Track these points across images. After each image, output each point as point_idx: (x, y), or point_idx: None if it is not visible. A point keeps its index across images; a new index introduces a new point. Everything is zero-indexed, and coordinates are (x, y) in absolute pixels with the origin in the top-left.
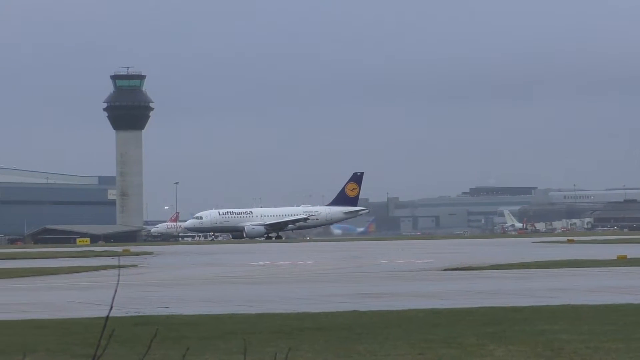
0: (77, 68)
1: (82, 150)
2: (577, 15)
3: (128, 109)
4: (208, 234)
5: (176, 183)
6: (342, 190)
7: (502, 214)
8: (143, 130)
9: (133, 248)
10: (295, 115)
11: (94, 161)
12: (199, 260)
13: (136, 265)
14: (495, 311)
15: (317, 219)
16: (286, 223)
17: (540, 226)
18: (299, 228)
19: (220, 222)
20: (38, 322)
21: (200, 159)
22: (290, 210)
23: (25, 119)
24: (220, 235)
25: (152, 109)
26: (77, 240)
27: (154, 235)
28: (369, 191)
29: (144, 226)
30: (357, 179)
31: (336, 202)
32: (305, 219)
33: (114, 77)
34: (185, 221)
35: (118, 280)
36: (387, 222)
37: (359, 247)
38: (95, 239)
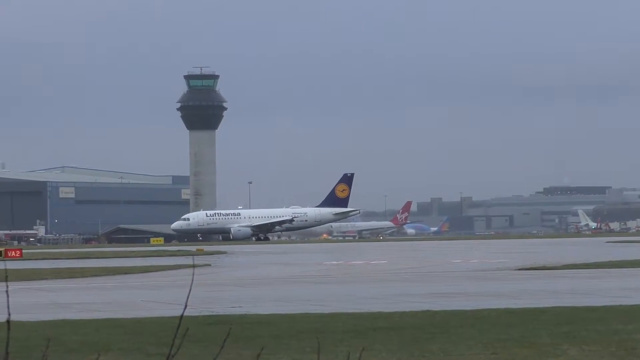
0: (151, 68)
1: (156, 149)
2: None
3: (201, 108)
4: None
5: (249, 182)
6: (332, 192)
7: (575, 214)
8: (216, 130)
9: (207, 247)
10: (362, 114)
11: (168, 161)
12: (272, 259)
13: (210, 265)
14: (569, 311)
15: (305, 220)
16: (273, 224)
17: (615, 226)
18: (288, 230)
19: (208, 224)
20: (112, 322)
21: (273, 158)
22: (278, 212)
23: (99, 119)
24: (200, 237)
25: (225, 108)
26: (151, 239)
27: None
28: (443, 191)
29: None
30: (347, 180)
31: (326, 203)
32: (291, 221)
33: (188, 77)
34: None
35: (192, 280)
36: (460, 222)
37: (433, 247)
38: (169, 238)
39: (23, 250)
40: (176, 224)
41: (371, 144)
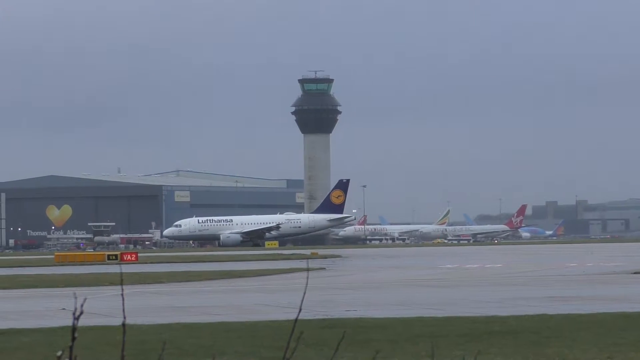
0: (266, 72)
1: (271, 153)
2: None
3: (316, 112)
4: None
5: (363, 186)
6: (328, 198)
7: None
8: (330, 134)
9: (321, 251)
10: (480, 118)
11: (283, 164)
12: (386, 263)
13: (324, 268)
14: None
15: (299, 227)
16: (262, 231)
17: None
18: (281, 236)
19: (199, 230)
20: (227, 325)
21: (387, 162)
22: (272, 218)
23: (215, 123)
24: (194, 243)
25: (339, 112)
26: (266, 243)
27: (340, 238)
28: (558, 194)
29: (332, 229)
30: (342, 186)
31: (321, 209)
32: (278, 227)
33: (302, 81)
34: (374, 224)
35: (307, 283)
36: (575, 225)
37: (548, 251)
38: (283, 241)
39: (139, 254)
40: (168, 231)
41: (484, 147)
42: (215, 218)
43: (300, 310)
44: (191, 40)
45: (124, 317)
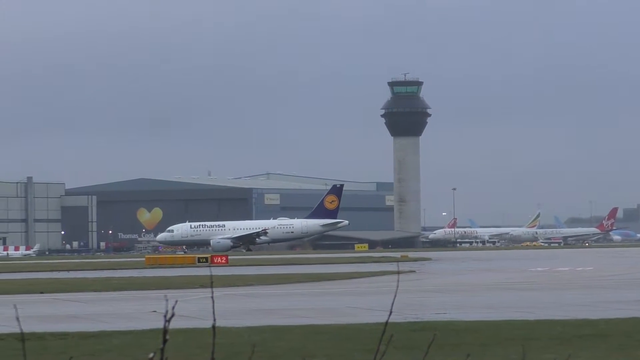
0: (356, 75)
1: (361, 156)
2: None
3: (405, 115)
4: (183, 247)
5: (453, 189)
6: (321, 203)
7: None
8: (420, 136)
9: (411, 254)
10: (571, 118)
11: (372, 167)
12: (476, 266)
13: (414, 271)
14: None
15: (292, 232)
16: (251, 236)
17: None
18: (273, 241)
19: (191, 236)
20: (317, 328)
21: (477, 164)
22: (264, 223)
23: (303, 126)
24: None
25: (429, 114)
26: (356, 245)
27: (430, 241)
28: None
29: (422, 232)
30: (336, 191)
31: (315, 214)
32: (265, 232)
33: (392, 84)
34: (464, 227)
35: (397, 286)
36: None
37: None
38: (373, 244)
39: (229, 257)
40: (161, 236)
41: (575, 149)
42: (208, 223)
43: (390, 313)
44: (279, 42)
45: (214, 320)
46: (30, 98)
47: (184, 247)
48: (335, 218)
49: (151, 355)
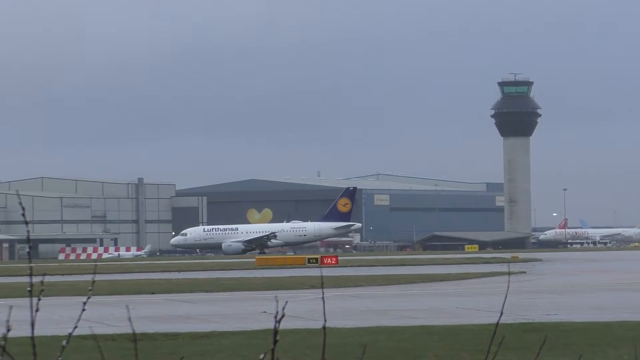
0: (465, 75)
1: (470, 156)
2: None
3: (516, 115)
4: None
5: (564, 189)
6: (334, 206)
7: None
8: (530, 137)
9: (521, 254)
10: None
11: (482, 167)
12: (587, 267)
13: (525, 272)
14: None
15: (304, 235)
16: (263, 239)
17: None
18: (287, 244)
19: (204, 239)
20: (427, 328)
21: (588, 164)
22: (277, 227)
23: (412, 126)
24: (200, 252)
25: (539, 115)
26: (466, 246)
27: (541, 242)
28: None
29: (532, 233)
30: (349, 194)
31: (328, 217)
32: (275, 235)
33: (502, 84)
34: (575, 228)
35: (508, 287)
36: None
37: None
38: (483, 245)
39: (339, 257)
40: (174, 239)
41: None
42: (221, 226)
43: (501, 314)
44: (388, 42)
45: (325, 320)
46: (141, 99)
47: (197, 250)
48: (348, 221)
49: (262, 355)
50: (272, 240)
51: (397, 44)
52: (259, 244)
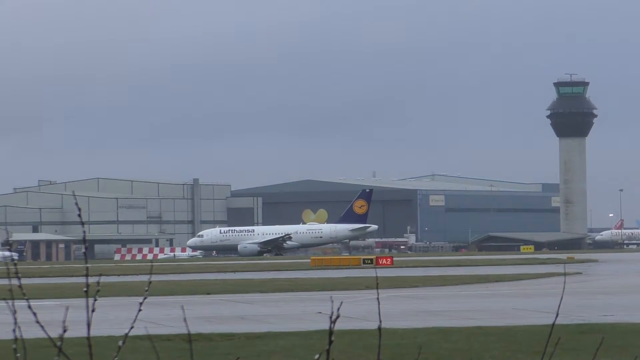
0: (520, 75)
1: (525, 157)
2: None
3: (571, 116)
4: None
5: (620, 190)
6: (350, 208)
7: None
8: (586, 137)
9: (577, 255)
10: None
11: (537, 168)
12: None
13: (580, 273)
14: None
15: (320, 237)
16: (278, 241)
17: None
18: (303, 246)
19: (221, 240)
20: (483, 329)
21: None
22: (293, 228)
23: (467, 127)
24: (217, 253)
25: (595, 115)
26: (521, 247)
27: (596, 243)
28: None
29: (588, 233)
30: (366, 196)
31: (344, 219)
32: (290, 237)
33: (557, 85)
34: (631, 229)
35: (563, 288)
36: None
37: None
38: (538, 246)
39: (394, 258)
40: (191, 241)
41: None
42: (237, 228)
43: (557, 315)
44: (441, 43)
45: (380, 321)
46: (197, 100)
47: (213, 252)
48: (364, 223)
49: (317, 356)
50: (287, 242)
51: (453, 47)
52: (274, 246)
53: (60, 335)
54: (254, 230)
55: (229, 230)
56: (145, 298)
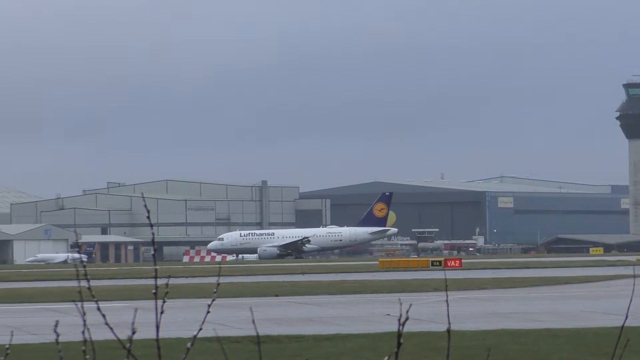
0: (589, 77)
1: (595, 158)
2: None
3: None
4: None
5: None
6: (370, 211)
7: None
8: None
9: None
10: None
11: (607, 169)
12: None
13: None
14: None
15: (340, 240)
16: (296, 244)
17: None
18: (322, 249)
19: (241, 244)
20: (552, 332)
21: None
22: (313, 231)
23: (535, 128)
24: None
25: None
26: (590, 249)
27: None
28: None
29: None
30: (385, 199)
31: (364, 222)
32: (308, 240)
33: (627, 86)
34: None
35: (633, 290)
36: None
37: None
38: (608, 248)
39: (462, 260)
40: (212, 244)
41: None
42: (258, 231)
43: (626, 317)
44: (513, 43)
45: (449, 323)
46: (266, 103)
47: (234, 255)
48: (384, 226)
49: (386, 358)
50: (306, 245)
51: (523, 48)
52: (294, 249)
53: (129, 337)
54: (274, 233)
55: (249, 233)
56: (213, 300)
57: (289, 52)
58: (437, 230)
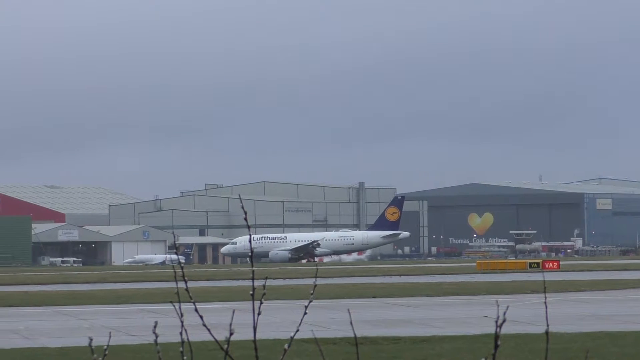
0: None
1: None
2: None
3: None
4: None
5: None
6: (383, 215)
7: None
8: None
9: None
10: None
11: None
12: None
13: None
14: None
15: (352, 244)
16: (307, 248)
17: None
18: (335, 253)
19: (254, 247)
20: None
21: None
22: (325, 235)
23: (635, 129)
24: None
25: None
26: None
27: None
28: None
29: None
30: (398, 203)
31: (376, 226)
32: (318, 244)
33: None
34: None
35: None
36: None
37: None
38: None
39: (560, 262)
40: (225, 248)
41: None
42: (270, 235)
43: None
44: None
45: (547, 325)
46: (363, 104)
47: (247, 258)
48: (396, 230)
49: None
50: (318, 249)
51: (616, 48)
52: (305, 252)
53: (226, 338)
54: (286, 237)
55: (262, 237)
56: (310, 301)
57: (382, 55)
58: (535, 232)
